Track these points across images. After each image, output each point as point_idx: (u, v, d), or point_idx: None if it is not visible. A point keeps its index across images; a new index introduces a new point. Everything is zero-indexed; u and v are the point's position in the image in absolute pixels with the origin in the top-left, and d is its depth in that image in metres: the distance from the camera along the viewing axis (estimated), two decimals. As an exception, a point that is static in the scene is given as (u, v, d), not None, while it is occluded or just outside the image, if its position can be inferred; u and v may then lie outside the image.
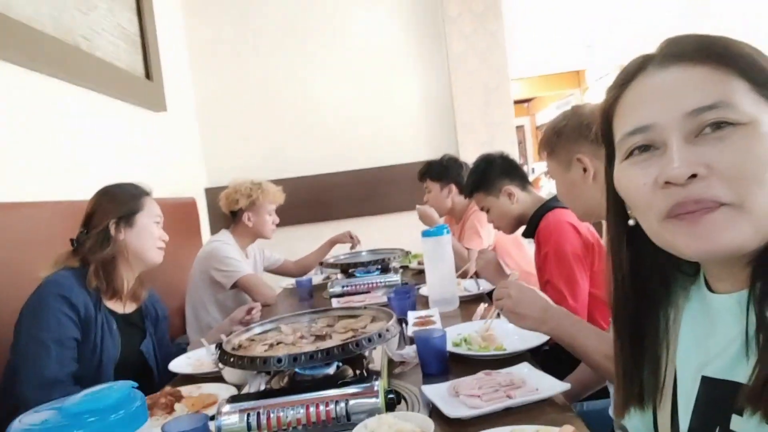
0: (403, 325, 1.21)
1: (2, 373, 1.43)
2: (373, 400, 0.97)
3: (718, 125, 0.55)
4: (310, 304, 2.33)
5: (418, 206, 2.62)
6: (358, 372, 1.10)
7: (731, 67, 0.56)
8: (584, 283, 1.71)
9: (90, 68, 2.21)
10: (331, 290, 2.20)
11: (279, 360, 1.00)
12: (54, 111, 2.02)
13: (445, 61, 3.61)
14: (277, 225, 2.63)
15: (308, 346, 1.13)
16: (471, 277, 2.12)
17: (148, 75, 2.80)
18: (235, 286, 2.35)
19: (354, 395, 0.98)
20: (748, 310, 0.56)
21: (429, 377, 1.25)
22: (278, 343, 1.19)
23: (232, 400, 1.01)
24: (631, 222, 0.66)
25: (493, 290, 1.93)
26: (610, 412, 1.29)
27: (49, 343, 1.36)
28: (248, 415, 0.97)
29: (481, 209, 2.08)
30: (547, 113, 11.71)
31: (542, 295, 1.21)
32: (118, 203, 1.61)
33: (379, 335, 1.07)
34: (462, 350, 1.35)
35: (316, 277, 2.67)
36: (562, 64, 8.60)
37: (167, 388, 1.29)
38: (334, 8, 3.65)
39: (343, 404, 0.97)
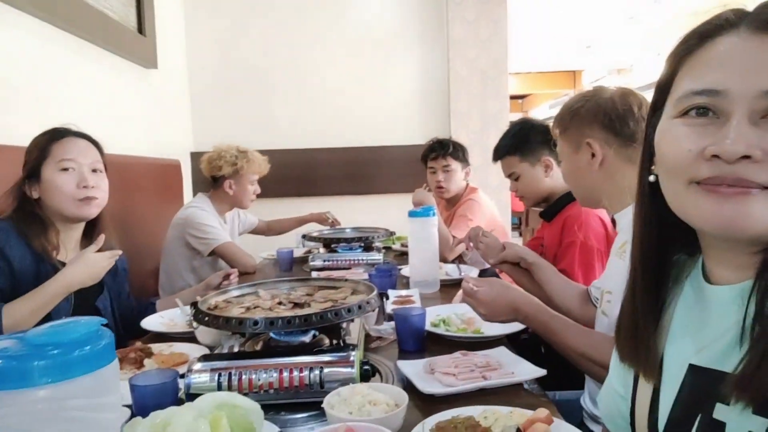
0: (384, 300, 1.20)
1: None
2: (348, 369, 0.96)
3: None
4: (289, 275, 2.31)
5: (417, 190, 2.55)
6: (334, 342, 1.08)
7: None
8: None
9: (81, 14, 2.13)
10: (312, 263, 2.18)
11: (255, 322, 0.97)
12: (39, 56, 1.94)
13: (445, 45, 3.56)
14: (259, 196, 2.59)
15: (286, 312, 1.11)
16: (455, 262, 2.10)
17: (140, 29, 2.72)
18: (212, 253, 2.31)
19: (329, 363, 0.96)
20: (749, 301, 0.54)
21: (405, 354, 1.24)
22: (255, 307, 1.17)
23: (204, 359, 0.99)
24: (651, 178, 0.63)
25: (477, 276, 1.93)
26: (582, 402, 1.29)
27: None
28: (219, 374, 0.95)
29: (508, 176, 1.96)
30: (541, 111, 11.73)
31: (512, 289, 1.18)
32: (27, 156, 1.44)
33: (359, 306, 1.05)
34: (440, 330, 1.34)
35: (297, 250, 2.64)
36: (559, 62, 8.61)
37: (138, 344, 1.26)
38: (338, -19, 3.59)
39: (317, 371, 0.95)
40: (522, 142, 1.90)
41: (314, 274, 2.10)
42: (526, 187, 1.91)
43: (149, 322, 1.51)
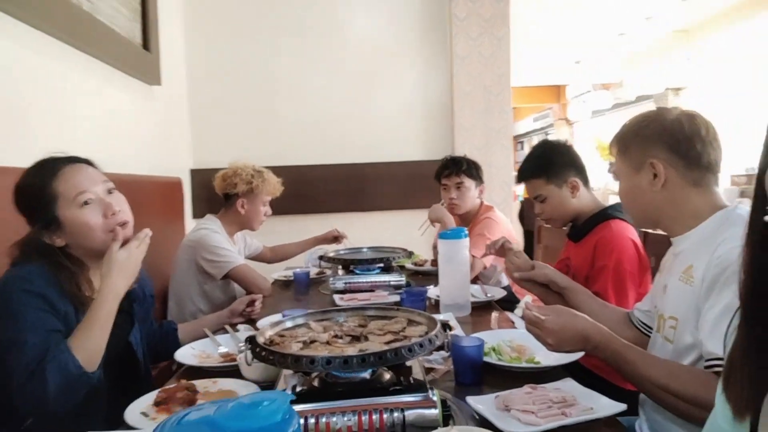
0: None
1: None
2: (432, 411, 0.91)
3: None
4: (306, 298, 2.24)
5: (435, 205, 2.53)
6: (402, 379, 1.03)
7: None
8: (632, 300, 1.68)
9: (90, 31, 2.06)
10: (332, 286, 2.12)
11: (328, 361, 0.92)
12: (48, 71, 1.86)
13: (448, 61, 3.56)
14: (262, 215, 2.52)
15: (347, 347, 1.06)
16: (476, 283, 2.07)
17: (146, 45, 2.65)
18: (226, 276, 2.23)
19: (411, 405, 0.91)
20: None
21: (462, 387, 1.19)
22: (312, 341, 1.11)
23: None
24: (767, 218, 0.60)
25: (503, 297, 1.89)
26: (638, 428, 1.26)
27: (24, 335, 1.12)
28: (305, 418, 0.89)
29: (534, 198, 1.91)
30: (525, 124, 11.90)
31: (580, 317, 1.14)
32: (28, 202, 1.27)
33: (430, 341, 1.00)
34: (493, 360, 1.30)
35: (311, 271, 2.58)
36: (545, 77, 8.72)
37: (183, 382, 1.19)
38: (339, -1, 3.56)
39: (398, 413, 0.90)
40: (547, 164, 1.88)
41: (336, 296, 2.04)
42: (554, 208, 1.89)
43: (182, 355, 1.43)
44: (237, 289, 2.38)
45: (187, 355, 1.44)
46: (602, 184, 6.83)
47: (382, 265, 2.22)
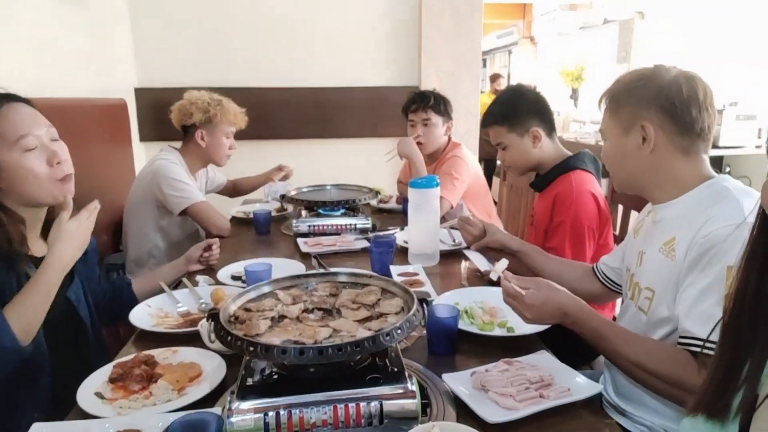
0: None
1: None
2: (411, 401, 0.87)
3: None
4: (268, 240, 2.15)
5: (405, 139, 2.41)
6: (378, 360, 0.98)
7: None
8: (590, 254, 1.68)
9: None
10: (295, 228, 2.03)
11: (301, 352, 0.85)
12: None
13: (417, -22, 3.30)
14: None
15: (319, 326, 1.00)
16: (445, 227, 2.01)
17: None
18: (183, 213, 2.10)
19: (388, 396, 0.87)
20: None
21: (435, 357, 1.17)
22: (281, 317, 1.04)
23: (242, 395, 0.86)
24: None
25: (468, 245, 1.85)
26: (605, 392, 1.28)
27: None
28: (266, 414, 0.83)
29: (496, 145, 1.87)
30: (488, 41, 11.55)
31: (560, 292, 1.11)
32: None
33: (409, 323, 0.94)
34: (466, 325, 1.27)
35: (271, 208, 2.47)
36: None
37: (140, 355, 1.11)
38: None
39: (376, 404, 0.86)
40: (511, 111, 1.81)
41: (300, 240, 1.96)
42: (514, 158, 1.85)
43: (137, 317, 1.33)
44: (196, 225, 2.26)
45: (143, 315, 1.35)
46: (564, 112, 6.80)
47: (346, 206, 2.13)
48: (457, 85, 3.46)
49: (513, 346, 1.19)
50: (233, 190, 2.75)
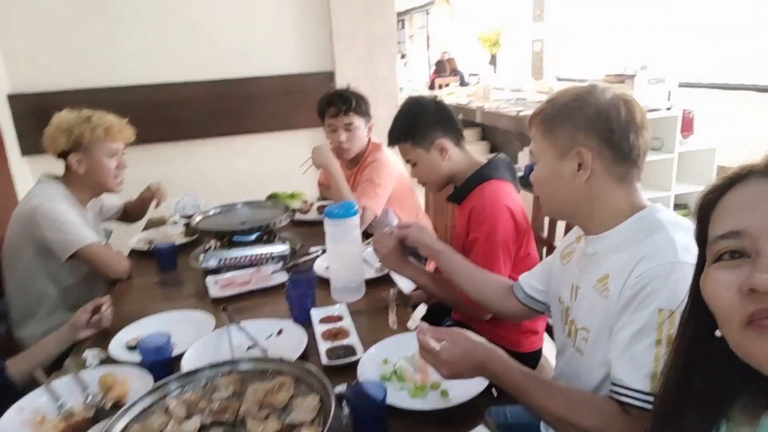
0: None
1: None
2: None
3: None
4: (173, 275, 1.93)
5: (319, 147, 2.20)
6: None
7: None
8: (506, 270, 1.59)
9: None
10: (204, 264, 1.81)
11: None
12: None
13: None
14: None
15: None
16: (368, 237, 1.84)
17: None
18: (73, 256, 1.82)
19: None
20: None
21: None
22: (173, 441, 0.87)
23: None
24: (718, 333, 0.62)
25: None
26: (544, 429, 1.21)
27: None
28: None
29: (407, 162, 1.76)
30: (404, 1, 11.26)
31: (479, 345, 1.03)
32: None
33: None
34: (396, 391, 1.14)
35: (177, 237, 2.21)
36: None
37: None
38: None
39: None
40: (412, 126, 1.70)
41: (210, 279, 1.74)
42: (425, 173, 1.75)
43: (6, 424, 1.11)
44: (90, 271, 1.97)
45: (13, 422, 1.12)
46: (483, 80, 6.72)
47: (260, 231, 1.92)
48: (374, 69, 3.27)
49: (450, 420, 1.08)
50: (127, 215, 2.41)
